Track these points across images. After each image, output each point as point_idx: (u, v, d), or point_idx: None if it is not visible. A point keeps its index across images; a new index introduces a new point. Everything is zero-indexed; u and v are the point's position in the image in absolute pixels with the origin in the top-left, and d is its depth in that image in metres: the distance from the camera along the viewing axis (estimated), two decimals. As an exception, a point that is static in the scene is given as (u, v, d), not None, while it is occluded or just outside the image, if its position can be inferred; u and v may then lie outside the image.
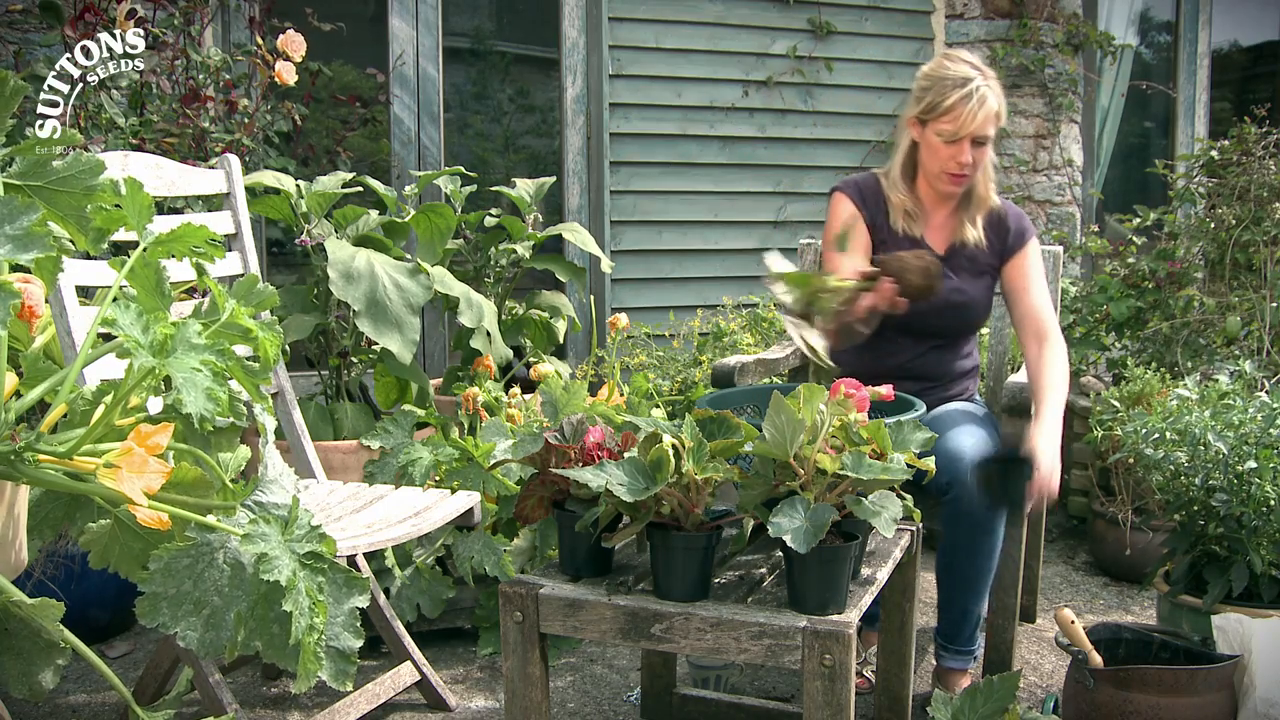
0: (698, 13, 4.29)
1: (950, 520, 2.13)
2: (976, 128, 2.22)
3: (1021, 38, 4.61)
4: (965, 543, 2.13)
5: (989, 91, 2.22)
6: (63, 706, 2.35)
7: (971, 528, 2.11)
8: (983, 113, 2.21)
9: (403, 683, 2.26)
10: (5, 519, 1.17)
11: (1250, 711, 1.93)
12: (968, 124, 2.21)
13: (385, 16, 3.95)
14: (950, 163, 2.25)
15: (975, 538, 2.12)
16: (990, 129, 2.24)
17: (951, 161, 2.25)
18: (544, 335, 3.43)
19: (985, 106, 2.21)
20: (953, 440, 2.15)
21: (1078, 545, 3.50)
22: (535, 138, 4.54)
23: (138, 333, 1.09)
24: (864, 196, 2.39)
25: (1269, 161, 3.39)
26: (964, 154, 2.24)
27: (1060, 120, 4.67)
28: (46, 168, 1.17)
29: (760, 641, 1.48)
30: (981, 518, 2.11)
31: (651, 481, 1.49)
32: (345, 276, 2.69)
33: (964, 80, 2.21)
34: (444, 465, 2.59)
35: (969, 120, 2.20)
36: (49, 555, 2.49)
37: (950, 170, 2.27)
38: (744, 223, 4.40)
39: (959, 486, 2.10)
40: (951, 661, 2.28)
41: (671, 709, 2.21)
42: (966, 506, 2.10)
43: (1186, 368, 3.31)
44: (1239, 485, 2.19)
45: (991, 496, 2.03)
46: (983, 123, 2.22)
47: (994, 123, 2.25)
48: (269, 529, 1.16)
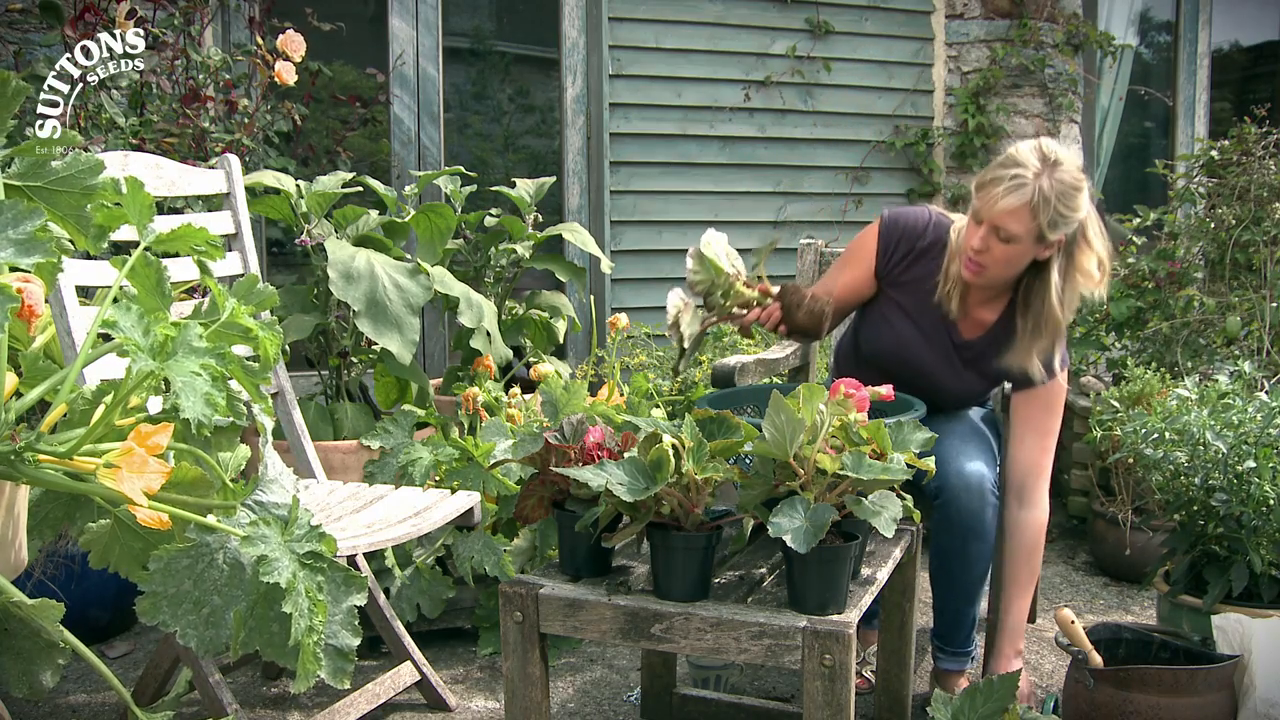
0: (698, 13, 4.29)
1: (941, 526, 2.12)
2: (997, 213, 1.99)
3: (1021, 38, 4.61)
4: (958, 548, 2.13)
5: (1031, 187, 1.96)
6: (63, 706, 2.35)
7: (963, 533, 2.11)
8: (1004, 202, 1.97)
9: (403, 683, 2.26)
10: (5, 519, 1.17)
11: (1250, 711, 1.93)
12: (988, 209, 2.00)
13: (385, 16, 3.95)
14: (967, 244, 2.07)
15: (967, 543, 2.11)
16: (1015, 227, 1.98)
17: (969, 243, 2.06)
18: (544, 335, 3.43)
19: (1016, 195, 1.96)
20: (940, 449, 2.12)
21: (1078, 545, 3.50)
22: (535, 138, 4.54)
23: (138, 335, 1.09)
24: (894, 241, 2.22)
25: (1269, 161, 3.39)
26: (977, 240, 2.04)
27: (1060, 120, 4.67)
28: (46, 168, 1.17)
29: (760, 641, 1.48)
30: (972, 524, 2.10)
31: (651, 481, 1.49)
32: (345, 276, 2.69)
33: (1014, 163, 2.01)
34: (444, 465, 2.59)
35: (990, 204, 1.99)
36: (49, 555, 2.49)
37: (966, 252, 2.08)
38: (744, 223, 4.40)
39: (948, 492, 2.09)
40: (948, 663, 2.28)
41: (671, 709, 2.21)
42: (956, 513, 2.09)
43: (1186, 368, 3.31)
44: (1239, 485, 2.19)
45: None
46: (1003, 214, 1.98)
47: (1022, 222, 1.98)
48: (269, 530, 1.16)
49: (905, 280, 2.23)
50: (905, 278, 2.23)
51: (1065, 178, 1.99)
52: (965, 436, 2.19)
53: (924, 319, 2.22)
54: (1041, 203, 1.97)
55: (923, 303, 2.21)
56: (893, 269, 2.23)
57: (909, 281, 2.23)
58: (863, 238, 2.28)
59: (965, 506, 2.08)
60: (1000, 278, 2.10)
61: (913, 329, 2.23)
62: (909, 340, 2.23)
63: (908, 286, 2.23)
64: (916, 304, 2.22)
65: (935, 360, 2.22)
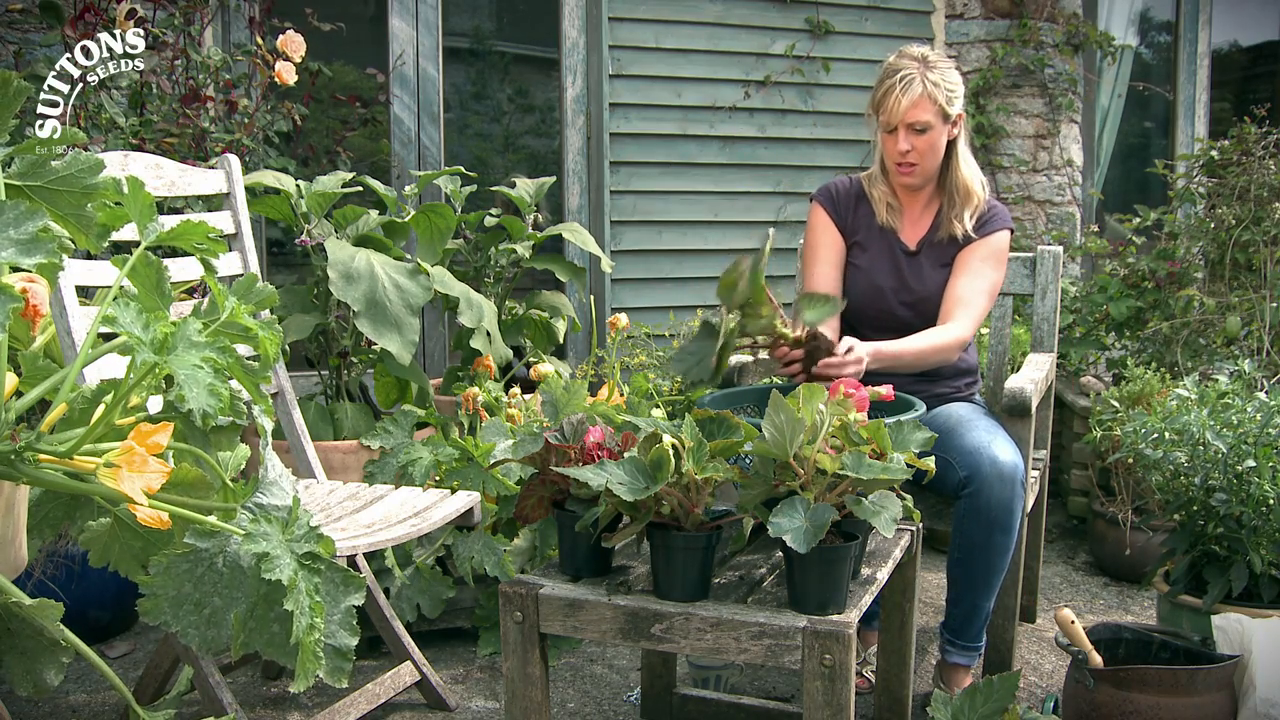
0: (698, 13, 4.29)
1: (969, 516, 2.14)
2: (904, 115, 2.24)
3: (1021, 38, 4.61)
4: (983, 539, 2.14)
5: (919, 79, 2.23)
6: (63, 706, 2.35)
7: (989, 525, 2.12)
8: (906, 99, 2.23)
9: (403, 683, 2.26)
10: (5, 519, 1.17)
11: (1250, 711, 1.93)
12: (895, 112, 2.25)
13: (385, 16, 3.95)
14: (893, 153, 2.31)
15: (993, 535, 2.13)
16: (924, 115, 2.25)
17: (894, 152, 2.30)
18: (544, 335, 3.43)
19: (910, 92, 2.23)
20: (970, 437, 2.16)
21: (1078, 545, 3.50)
22: (535, 138, 4.54)
23: (139, 330, 1.09)
24: (835, 202, 2.46)
25: (1269, 161, 3.39)
26: (900, 142, 2.28)
27: (1060, 120, 4.67)
28: (45, 167, 1.17)
29: (760, 641, 1.48)
30: (1000, 516, 2.11)
31: (651, 481, 1.49)
32: (345, 277, 2.69)
33: (895, 70, 2.26)
34: (444, 465, 2.59)
35: (895, 108, 2.24)
36: (49, 555, 2.50)
37: (895, 161, 2.32)
38: (744, 223, 4.40)
39: (980, 480, 2.10)
40: (957, 657, 2.28)
41: (671, 709, 2.21)
42: (985, 503, 2.11)
43: (1186, 368, 3.31)
44: (1238, 485, 2.19)
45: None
46: (909, 109, 2.24)
47: (926, 109, 2.24)
48: (270, 529, 1.16)
49: (858, 225, 2.45)
50: (857, 223, 2.45)
51: (939, 61, 2.29)
52: (991, 429, 2.21)
53: (879, 246, 2.43)
54: (934, 86, 2.24)
55: (872, 234, 2.43)
56: (848, 218, 2.46)
57: (861, 225, 2.44)
58: (813, 223, 2.48)
59: (997, 496, 2.10)
60: (931, 167, 2.34)
61: (873, 257, 2.42)
62: (874, 268, 2.40)
63: (861, 229, 2.44)
64: (868, 238, 2.43)
65: (900, 271, 2.39)
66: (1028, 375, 2.36)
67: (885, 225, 2.41)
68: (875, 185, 2.43)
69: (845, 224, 2.45)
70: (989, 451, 2.12)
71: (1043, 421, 2.69)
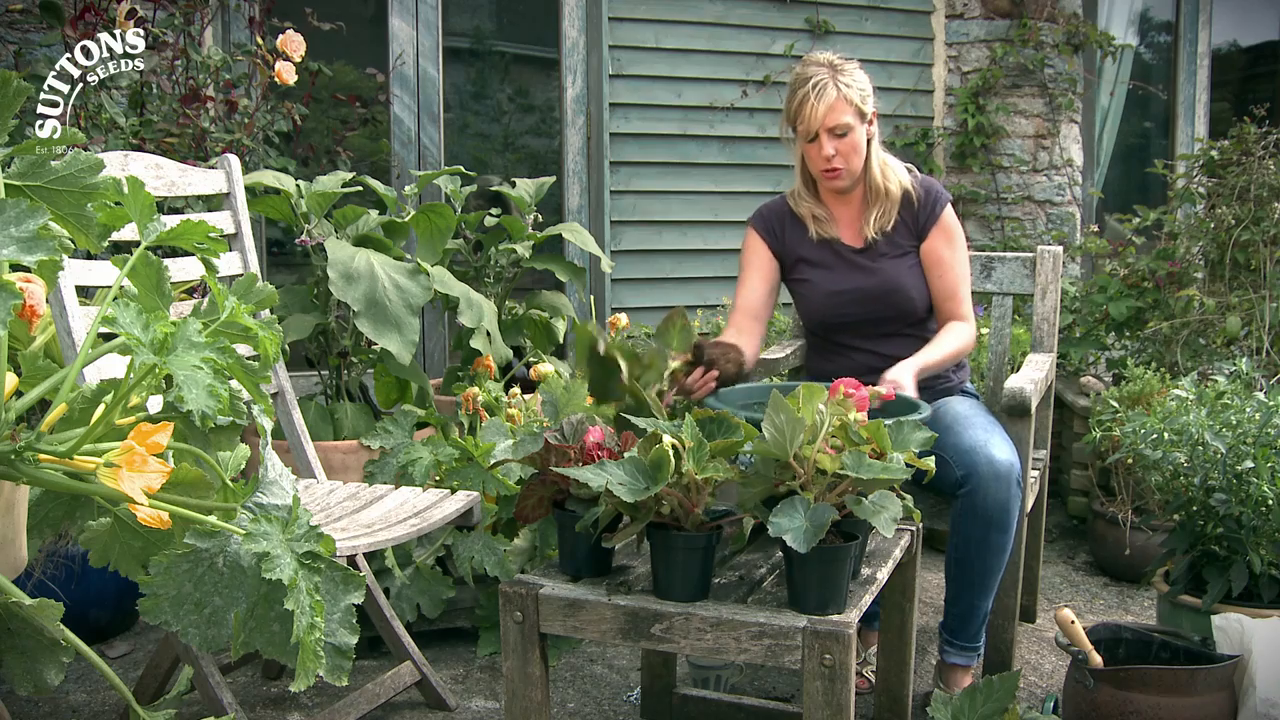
0: (698, 13, 4.29)
1: (966, 515, 2.13)
2: (822, 120, 2.25)
3: (1021, 38, 4.61)
4: (979, 538, 2.13)
5: (831, 83, 2.24)
6: (63, 706, 2.35)
7: (986, 524, 2.12)
8: (823, 105, 2.23)
9: (403, 683, 2.26)
10: (5, 519, 1.17)
11: (1250, 711, 1.93)
12: (814, 120, 2.25)
13: (385, 16, 3.95)
14: (818, 160, 2.31)
15: (989, 534, 2.12)
16: (842, 117, 2.25)
17: (819, 159, 2.30)
18: (544, 335, 3.43)
19: (824, 98, 2.23)
20: (967, 435, 2.16)
21: (1078, 545, 3.50)
22: (535, 138, 4.54)
23: (138, 330, 1.09)
24: (769, 224, 2.46)
25: (1269, 161, 3.39)
26: (823, 148, 2.28)
27: (1060, 120, 4.67)
28: (45, 167, 1.17)
29: (760, 641, 1.48)
30: (997, 515, 2.11)
31: (651, 481, 1.49)
32: (345, 277, 2.69)
33: (805, 79, 2.26)
34: (444, 465, 2.59)
35: (813, 115, 2.25)
36: (49, 555, 2.50)
37: (821, 168, 2.32)
38: (744, 223, 4.39)
39: (976, 479, 2.10)
40: (956, 657, 2.28)
41: (671, 709, 2.21)
42: (982, 502, 2.11)
43: (1186, 368, 3.31)
44: (1237, 485, 2.19)
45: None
46: (827, 114, 2.24)
47: (844, 111, 2.25)
48: (270, 528, 1.16)
49: (796, 243, 2.44)
50: (794, 242, 2.44)
51: (845, 64, 2.29)
52: (988, 427, 2.21)
53: (823, 256, 2.42)
54: (847, 88, 2.26)
55: (813, 248, 2.42)
56: (785, 239, 2.45)
57: (799, 243, 2.43)
58: (745, 245, 2.49)
59: (993, 495, 2.10)
60: (856, 167, 2.33)
61: (821, 269, 2.41)
62: (825, 279, 2.40)
63: (800, 246, 2.43)
64: (811, 252, 2.42)
65: (854, 272, 2.39)
66: (1027, 375, 2.36)
67: (818, 236, 2.41)
68: (800, 203, 2.43)
69: (781, 245, 2.45)
70: (985, 451, 2.12)
71: (1043, 421, 2.69)
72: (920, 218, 2.39)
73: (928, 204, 2.39)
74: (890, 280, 2.37)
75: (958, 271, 2.39)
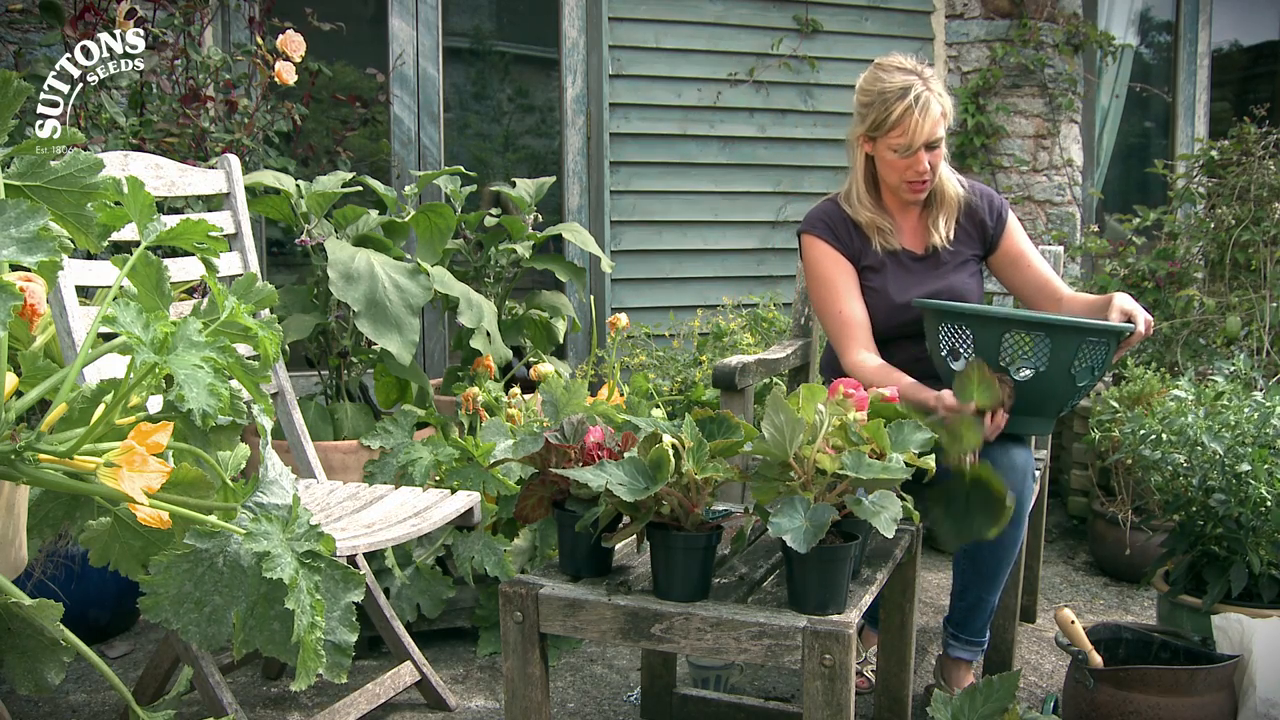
0: (698, 13, 4.29)
1: None
2: (927, 135, 2.22)
3: (1021, 38, 4.61)
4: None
5: (931, 96, 2.21)
6: (63, 706, 2.35)
7: None
8: (928, 121, 2.20)
9: (403, 683, 2.26)
10: (5, 518, 1.17)
11: (1250, 711, 1.93)
12: (918, 135, 2.21)
13: (385, 16, 3.95)
14: (909, 173, 2.27)
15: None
16: (940, 131, 2.24)
17: (910, 171, 2.27)
18: (544, 335, 3.43)
19: (930, 113, 2.20)
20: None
21: (1078, 545, 3.50)
22: (535, 138, 4.54)
23: (139, 330, 1.09)
24: (835, 231, 2.37)
25: (1269, 161, 3.39)
26: (920, 163, 2.25)
27: (1060, 120, 4.67)
28: (45, 167, 1.17)
29: (760, 641, 1.48)
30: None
31: (651, 481, 1.49)
32: (345, 277, 2.69)
33: (905, 90, 2.20)
34: (444, 465, 2.59)
35: (918, 131, 2.20)
36: (49, 555, 2.50)
37: (910, 180, 2.29)
38: (744, 223, 4.40)
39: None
40: (960, 651, 2.28)
41: (671, 709, 2.21)
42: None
43: (1186, 368, 3.31)
44: (1237, 485, 2.19)
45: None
46: (932, 128, 2.22)
47: (943, 124, 2.24)
48: (270, 528, 1.16)
49: (861, 249, 2.36)
50: (860, 247, 2.36)
51: (929, 70, 2.25)
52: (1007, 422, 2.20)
53: (887, 264, 2.35)
54: (942, 99, 2.24)
55: (878, 255, 2.35)
56: (851, 244, 2.37)
57: (864, 248, 2.36)
58: (815, 256, 2.37)
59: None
60: (936, 178, 2.33)
61: (886, 277, 2.35)
62: (890, 287, 2.33)
63: (865, 252, 2.36)
64: (875, 260, 2.35)
65: (921, 280, 2.34)
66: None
67: (882, 248, 2.36)
68: (859, 210, 2.35)
69: (850, 251, 2.36)
70: (998, 445, 2.11)
71: (1043, 421, 2.68)
72: (989, 223, 2.39)
73: (993, 211, 2.40)
74: (957, 289, 2.35)
75: (1038, 260, 2.41)
